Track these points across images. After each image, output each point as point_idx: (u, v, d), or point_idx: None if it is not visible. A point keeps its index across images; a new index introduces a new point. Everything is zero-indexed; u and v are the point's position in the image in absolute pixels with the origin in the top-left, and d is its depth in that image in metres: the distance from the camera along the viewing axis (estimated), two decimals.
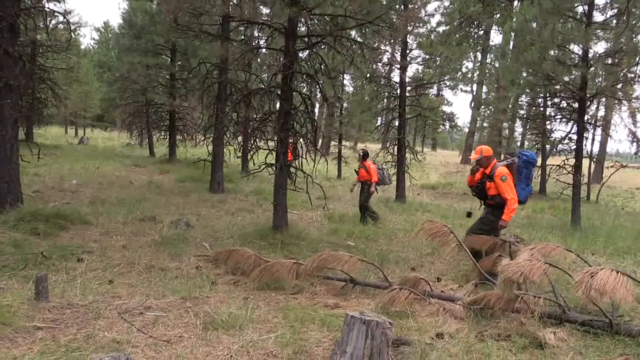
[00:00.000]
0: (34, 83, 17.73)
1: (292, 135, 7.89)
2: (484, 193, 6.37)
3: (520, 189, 6.18)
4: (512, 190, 6.06)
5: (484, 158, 6.35)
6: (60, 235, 7.23)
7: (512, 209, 6.05)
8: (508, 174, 6.09)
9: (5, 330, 3.78)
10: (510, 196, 6.02)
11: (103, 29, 60.39)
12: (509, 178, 6.07)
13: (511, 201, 6.02)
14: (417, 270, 6.68)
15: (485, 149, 6.41)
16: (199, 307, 4.67)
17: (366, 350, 3.40)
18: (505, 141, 20.53)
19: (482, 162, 6.38)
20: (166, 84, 21.49)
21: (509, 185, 6.05)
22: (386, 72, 19.47)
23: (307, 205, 11.22)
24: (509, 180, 6.06)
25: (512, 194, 6.03)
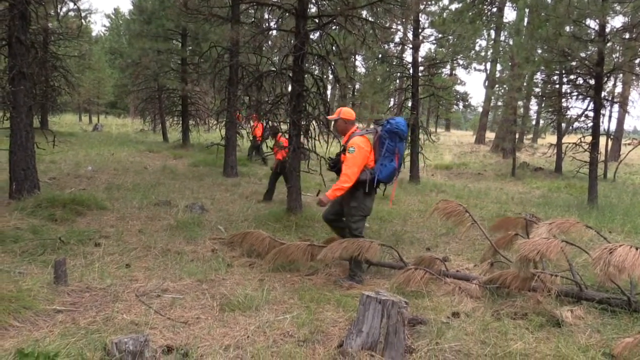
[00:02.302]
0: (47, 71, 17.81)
1: (305, 117, 7.85)
2: (339, 168, 5.30)
3: (380, 165, 5.13)
4: (353, 167, 5.02)
5: (341, 121, 5.32)
6: (77, 220, 7.32)
7: (340, 186, 5.03)
8: (359, 147, 5.05)
9: (27, 314, 3.85)
10: (346, 172, 5.02)
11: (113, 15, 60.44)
12: (357, 151, 5.02)
13: (343, 177, 5.02)
14: (432, 251, 6.66)
15: (345, 111, 5.36)
16: (215, 289, 4.72)
17: (382, 330, 3.41)
18: (520, 120, 20.25)
19: (340, 127, 5.37)
20: (178, 69, 21.48)
21: (354, 159, 5.02)
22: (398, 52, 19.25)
23: (321, 187, 11.22)
24: (357, 152, 5.02)
25: (349, 170, 5.01)
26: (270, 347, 3.53)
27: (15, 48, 7.98)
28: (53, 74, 19.55)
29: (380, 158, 5.13)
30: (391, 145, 5.11)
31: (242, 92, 11.62)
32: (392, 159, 5.15)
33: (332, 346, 3.58)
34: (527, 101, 21.91)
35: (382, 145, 5.12)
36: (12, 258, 5.34)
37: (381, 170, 5.12)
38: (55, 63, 19.59)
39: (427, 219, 8.46)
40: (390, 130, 5.09)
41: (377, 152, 5.15)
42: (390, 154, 5.14)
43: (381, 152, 5.12)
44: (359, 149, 5.05)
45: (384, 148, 5.10)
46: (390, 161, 5.14)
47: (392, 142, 5.10)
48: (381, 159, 5.12)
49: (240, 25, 12.52)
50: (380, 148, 5.13)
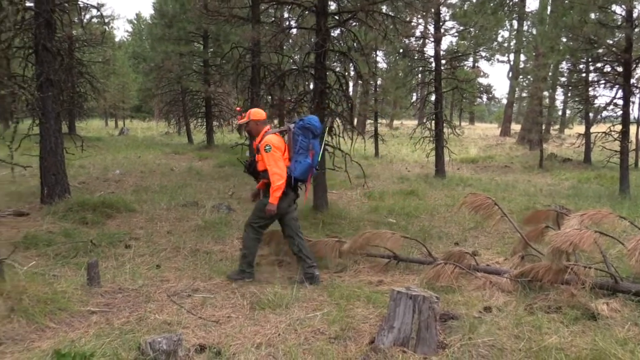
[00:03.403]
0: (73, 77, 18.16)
1: (328, 114, 7.84)
2: (255, 169, 5.17)
3: (295, 162, 5.01)
4: (278, 163, 4.87)
5: (252, 122, 5.12)
6: (108, 223, 7.45)
7: (275, 187, 4.86)
8: (274, 145, 4.90)
9: (62, 315, 3.92)
10: (274, 171, 4.85)
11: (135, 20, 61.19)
12: (274, 149, 4.88)
13: (274, 177, 4.85)
14: (460, 245, 6.59)
15: (256, 112, 5.17)
16: (245, 287, 4.75)
17: (414, 325, 3.38)
18: (546, 110, 19.89)
19: (251, 128, 5.15)
20: (200, 71, 21.68)
21: (273, 157, 4.86)
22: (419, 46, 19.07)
23: (346, 184, 11.21)
24: (273, 151, 4.87)
25: (276, 167, 4.85)
26: (302, 345, 3.53)
27: (42, 55, 8.15)
28: (79, 80, 19.92)
29: (295, 155, 5.05)
30: (305, 142, 5.04)
31: (264, 91, 11.67)
32: (306, 155, 5.05)
33: (363, 343, 3.57)
34: (553, 91, 21.52)
35: (295, 142, 5.05)
36: (46, 261, 5.46)
37: (296, 167, 5.02)
38: (80, 69, 19.97)
39: (455, 213, 8.37)
40: (303, 126, 5.04)
41: (292, 150, 5.07)
42: (305, 150, 5.05)
43: (295, 150, 5.05)
44: (273, 144, 4.93)
45: (297, 145, 5.04)
46: (305, 157, 5.04)
47: (305, 138, 5.04)
48: (295, 156, 5.04)
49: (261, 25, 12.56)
50: (294, 145, 5.06)
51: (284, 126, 5.23)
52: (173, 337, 3.23)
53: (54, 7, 8.44)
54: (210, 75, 20.77)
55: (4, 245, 5.57)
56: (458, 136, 17.34)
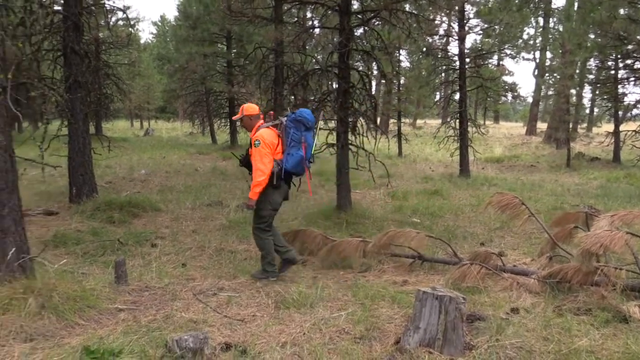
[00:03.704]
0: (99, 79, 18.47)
1: (352, 113, 7.81)
2: (248, 162, 5.19)
3: (287, 155, 5.00)
4: (263, 159, 4.88)
5: (246, 118, 5.18)
6: (134, 222, 7.56)
7: (256, 182, 4.87)
8: (264, 140, 4.91)
9: (91, 312, 3.99)
10: (257, 166, 4.87)
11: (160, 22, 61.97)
12: (263, 144, 4.89)
13: (256, 173, 4.88)
14: (486, 245, 6.51)
15: (248, 107, 5.24)
16: (269, 286, 4.76)
17: (440, 326, 3.35)
18: (573, 108, 19.53)
19: (246, 124, 5.22)
20: (224, 71, 21.85)
21: (259, 152, 4.88)
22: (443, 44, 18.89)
23: (369, 184, 11.17)
24: (262, 147, 4.89)
25: (260, 163, 4.87)
26: (327, 344, 3.53)
27: (70, 58, 8.31)
28: (105, 81, 20.25)
29: (287, 148, 5.03)
30: (297, 135, 5.03)
31: (288, 91, 11.71)
32: (298, 148, 5.03)
33: (388, 343, 3.54)
34: (581, 89, 21.15)
35: (287, 135, 5.04)
36: (75, 259, 5.56)
37: (288, 160, 5.00)
38: (107, 71, 20.29)
39: (480, 213, 8.27)
40: (295, 119, 5.05)
41: (284, 143, 5.06)
42: (297, 143, 5.03)
43: (287, 142, 5.04)
44: (264, 140, 4.93)
45: (290, 137, 5.03)
46: (297, 150, 5.02)
47: (297, 131, 5.03)
48: (288, 149, 5.03)
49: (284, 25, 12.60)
50: (286, 138, 5.05)
51: (277, 120, 5.22)
52: (199, 335, 3.26)
53: (81, 10, 8.60)
54: (233, 76, 20.93)
55: (35, 243, 5.68)
56: (482, 135, 17.12)
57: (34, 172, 10.48)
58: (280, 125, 5.10)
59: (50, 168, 4.65)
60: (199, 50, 20.55)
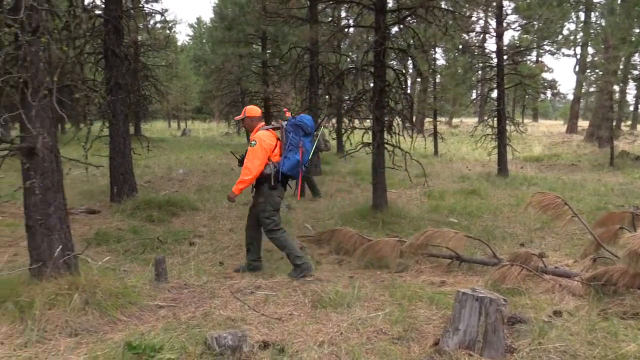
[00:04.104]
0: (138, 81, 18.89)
1: (388, 112, 7.76)
2: None
3: (284, 158, 5.16)
4: (254, 160, 5.03)
5: (248, 119, 5.36)
6: (172, 221, 7.70)
7: (241, 179, 5.06)
8: (261, 141, 5.08)
9: (132, 309, 4.07)
10: (246, 165, 5.07)
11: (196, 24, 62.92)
12: (259, 145, 5.05)
13: (244, 170, 5.08)
14: (526, 246, 6.36)
15: (250, 109, 5.43)
16: (306, 286, 4.76)
17: (480, 328, 3.28)
18: (617, 105, 18.90)
19: (247, 125, 5.41)
20: (259, 72, 22.03)
21: (253, 152, 5.04)
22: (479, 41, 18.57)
23: (405, 183, 11.08)
24: (257, 147, 5.05)
25: (250, 163, 5.04)
26: (365, 344, 3.51)
27: (111, 60, 8.53)
28: (144, 83, 20.70)
29: (285, 151, 5.20)
30: (295, 139, 5.19)
31: (323, 91, 11.72)
32: (296, 152, 5.19)
33: (427, 344, 3.50)
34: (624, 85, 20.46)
35: (286, 139, 5.20)
36: (116, 257, 5.70)
37: (284, 163, 5.16)
38: (146, 73, 20.75)
39: (520, 213, 8.09)
40: (294, 124, 5.20)
41: (283, 146, 5.22)
42: (295, 147, 5.19)
43: (286, 146, 5.20)
44: (260, 142, 5.10)
45: (288, 141, 5.18)
46: (294, 154, 5.19)
47: (296, 135, 5.19)
48: (285, 152, 5.20)
49: (319, 24, 12.62)
50: (285, 142, 5.21)
51: (277, 123, 5.39)
52: (238, 333, 3.29)
53: (122, 13, 8.81)
54: (268, 76, 21.09)
55: (78, 241, 5.85)
56: (521, 134, 16.74)
57: (77, 172, 10.80)
58: (280, 128, 5.29)
59: (92, 168, 4.77)
60: (235, 51, 20.77)
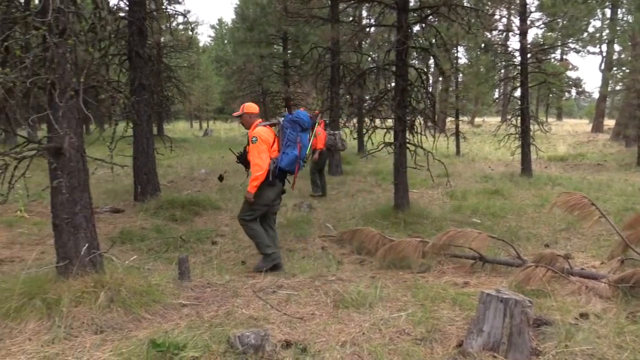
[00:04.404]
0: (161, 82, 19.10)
1: (410, 111, 7.71)
2: (245, 159, 5.49)
3: (282, 154, 5.28)
4: (261, 155, 5.14)
5: (246, 115, 5.44)
6: (195, 220, 7.76)
7: (254, 176, 5.15)
8: (261, 137, 5.17)
9: (156, 307, 4.11)
10: (255, 161, 5.14)
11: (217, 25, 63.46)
12: (260, 141, 5.16)
13: (254, 167, 5.16)
14: (551, 247, 6.27)
15: (248, 105, 5.51)
16: (327, 285, 4.75)
17: (505, 330, 3.24)
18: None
19: (245, 121, 5.46)
20: (280, 72, 22.11)
21: (257, 148, 5.15)
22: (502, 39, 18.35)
23: (427, 183, 11.01)
24: (259, 143, 5.15)
25: (258, 159, 5.13)
26: (387, 345, 3.49)
27: (135, 62, 8.64)
28: (167, 84, 20.92)
29: (283, 147, 5.31)
30: (293, 135, 5.30)
31: (344, 90, 11.71)
32: (294, 148, 5.31)
33: (450, 346, 3.47)
34: None
35: (284, 135, 5.31)
36: (140, 255, 5.77)
37: (282, 158, 5.28)
38: (168, 74, 20.97)
39: (545, 213, 7.97)
40: (291, 120, 5.33)
41: (281, 142, 5.34)
42: (292, 142, 5.31)
43: (283, 142, 5.32)
44: (260, 137, 5.19)
45: (286, 137, 5.30)
46: (292, 149, 5.31)
47: (293, 131, 5.31)
48: (283, 148, 5.31)
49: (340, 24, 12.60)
50: (282, 138, 5.32)
51: (275, 119, 5.51)
52: (260, 332, 3.30)
53: (145, 15, 8.92)
54: (289, 76, 21.17)
55: (103, 239, 5.94)
56: (545, 133, 16.48)
57: (101, 172, 10.96)
58: (277, 124, 5.40)
59: (117, 167, 4.84)
60: (256, 51, 20.89)
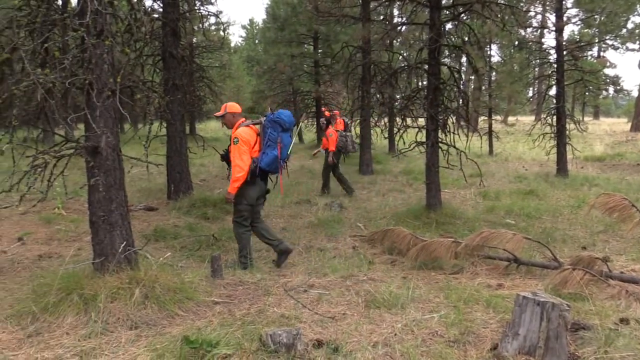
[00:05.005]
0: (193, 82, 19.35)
1: (442, 110, 7.61)
2: (229, 158, 5.50)
3: (262, 154, 5.29)
4: (242, 156, 5.19)
5: (229, 115, 5.49)
6: (227, 219, 7.82)
7: (234, 177, 5.21)
8: (242, 138, 5.22)
9: (189, 304, 4.17)
10: (236, 162, 5.20)
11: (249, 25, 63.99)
12: (241, 142, 5.21)
13: (235, 169, 5.22)
14: (589, 249, 6.09)
15: (231, 105, 5.57)
16: (359, 285, 4.74)
17: (541, 334, 3.17)
18: None
19: (228, 121, 5.52)
20: (311, 71, 22.14)
21: (238, 149, 5.21)
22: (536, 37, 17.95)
23: (459, 183, 10.87)
24: (240, 144, 5.20)
25: (238, 160, 5.19)
26: (420, 347, 3.45)
27: (169, 62, 8.77)
28: (199, 84, 21.18)
29: (264, 147, 5.32)
30: (273, 135, 5.31)
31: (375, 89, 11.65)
32: (274, 148, 5.32)
33: (484, 349, 3.41)
34: None
35: (265, 134, 5.32)
36: (174, 253, 5.85)
37: (262, 159, 5.29)
38: (201, 74, 21.23)
39: (582, 215, 7.77)
40: (273, 120, 5.31)
41: (262, 141, 5.34)
42: (273, 142, 5.32)
43: (264, 142, 5.32)
44: (241, 138, 5.23)
45: (266, 137, 5.30)
46: (272, 149, 5.31)
47: (274, 131, 5.31)
48: (264, 148, 5.32)
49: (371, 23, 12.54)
50: (264, 137, 5.33)
51: (257, 119, 5.51)
52: (292, 331, 3.30)
53: (178, 16, 9.04)
54: (320, 76, 21.18)
55: (137, 237, 6.05)
56: (581, 132, 16.03)
57: (135, 170, 11.16)
58: (259, 124, 5.42)
59: (151, 166, 4.93)
60: (287, 51, 20.98)
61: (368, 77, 12.72)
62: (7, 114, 4.03)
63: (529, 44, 17.33)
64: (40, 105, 4.04)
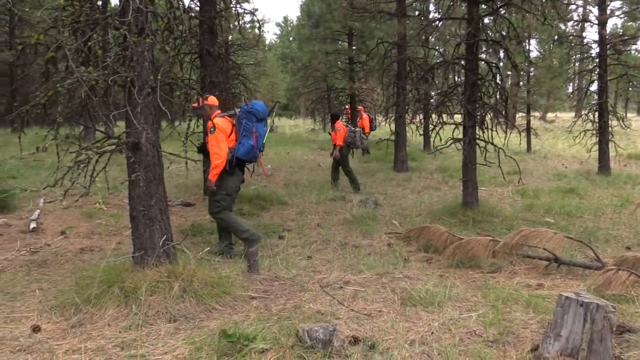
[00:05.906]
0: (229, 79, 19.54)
1: (480, 106, 7.48)
2: (206, 149, 5.66)
3: (238, 144, 5.48)
4: (220, 144, 5.33)
5: (207, 106, 5.60)
6: (262, 215, 7.89)
7: (214, 165, 5.34)
8: (218, 127, 5.35)
9: (226, 298, 4.22)
10: (214, 150, 5.33)
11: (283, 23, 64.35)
12: (217, 131, 5.33)
13: (213, 156, 5.34)
14: (633, 250, 5.89)
15: (210, 98, 5.72)
16: (394, 283, 4.71)
17: (585, 336, 3.07)
18: None
19: (205, 112, 5.61)
20: (345, 68, 22.08)
21: (215, 138, 5.33)
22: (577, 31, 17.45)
23: (496, 180, 10.68)
24: (217, 133, 5.33)
25: (216, 148, 5.32)
26: (457, 346, 3.40)
27: (206, 59, 8.87)
28: (234, 81, 21.40)
29: (240, 137, 5.49)
30: (248, 125, 5.48)
31: (411, 86, 11.54)
32: (249, 137, 5.49)
33: (524, 349, 3.34)
34: None
35: (240, 125, 5.50)
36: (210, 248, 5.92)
37: (239, 148, 5.47)
38: (237, 71, 21.44)
39: (627, 214, 7.53)
40: (247, 110, 5.49)
41: (238, 132, 5.52)
42: (248, 132, 5.49)
43: (240, 132, 5.49)
44: (218, 126, 5.37)
45: (242, 127, 5.48)
46: (248, 139, 5.48)
47: (249, 121, 5.48)
48: (240, 138, 5.49)
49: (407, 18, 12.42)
50: (239, 128, 5.51)
51: (232, 111, 5.69)
52: (329, 327, 3.30)
53: (215, 14, 9.13)
54: (355, 72, 21.09)
55: (175, 232, 6.15)
56: (625, 129, 15.50)
57: (173, 167, 11.36)
58: (234, 115, 5.60)
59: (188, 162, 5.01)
60: (321, 48, 20.96)
61: (403, 73, 12.61)
62: (51, 111, 4.14)
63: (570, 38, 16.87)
64: (83, 102, 4.14)
